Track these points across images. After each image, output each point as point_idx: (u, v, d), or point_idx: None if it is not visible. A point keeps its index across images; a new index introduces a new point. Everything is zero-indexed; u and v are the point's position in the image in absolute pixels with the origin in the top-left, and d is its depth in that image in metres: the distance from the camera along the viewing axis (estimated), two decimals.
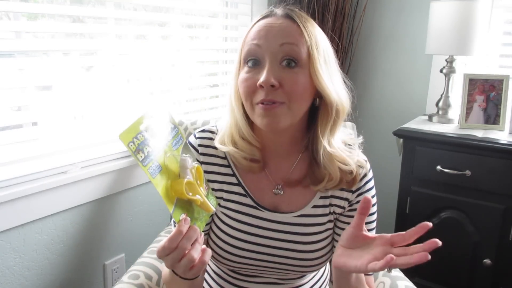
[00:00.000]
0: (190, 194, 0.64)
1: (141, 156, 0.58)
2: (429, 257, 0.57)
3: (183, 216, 0.63)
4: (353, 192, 0.84)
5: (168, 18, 1.57)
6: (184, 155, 0.66)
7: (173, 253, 0.62)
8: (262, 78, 0.71)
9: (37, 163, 1.18)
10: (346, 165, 0.80)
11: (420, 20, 1.95)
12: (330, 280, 1.01)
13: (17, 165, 1.14)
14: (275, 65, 0.73)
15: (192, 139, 0.87)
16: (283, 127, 0.75)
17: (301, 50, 0.74)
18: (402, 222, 1.71)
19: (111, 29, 1.36)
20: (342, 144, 0.84)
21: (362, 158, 0.86)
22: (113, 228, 1.42)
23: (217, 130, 0.87)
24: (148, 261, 1.09)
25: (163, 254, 0.63)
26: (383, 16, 2.07)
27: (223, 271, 0.89)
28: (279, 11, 0.78)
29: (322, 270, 0.96)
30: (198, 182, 0.67)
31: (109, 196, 1.37)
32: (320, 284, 0.93)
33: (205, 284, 0.93)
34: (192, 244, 0.63)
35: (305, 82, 0.74)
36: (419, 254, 0.58)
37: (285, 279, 0.87)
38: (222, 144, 0.82)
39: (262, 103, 0.73)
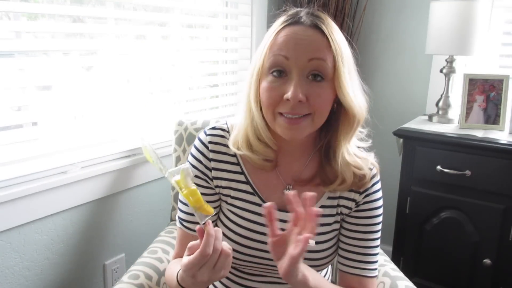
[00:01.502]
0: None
1: (162, 168, 0.66)
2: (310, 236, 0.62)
3: (207, 219, 0.65)
4: (360, 193, 0.84)
5: (168, 18, 1.57)
6: (185, 165, 0.69)
7: (210, 259, 0.64)
8: (290, 93, 0.71)
9: (37, 163, 1.18)
10: (360, 169, 0.82)
11: (420, 20, 1.95)
12: (332, 281, 1.01)
13: (17, 165, 1.14)
14: (302, 79, 0.73)
15: (202, 135, 0.86)
16: (304, 136, 0.77)
17: (328, 65, 0.74)
18: (402, 222, 1.71)
19: (111, 29, 1.36)
20: (356, 148, 0.85)
21: (373, 160, 0.87)
22: (113, 228, 1.42)
23: (228, 128, 0.86)
24: (148, 261, 1.09)
25: (198, 266, 0.64)
26: (383, 16, 2.07)
27: (229, 272, 0.89)
28: (306, 18, 0.75)
29: (324, 271, 0.96)
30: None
31: (109, 196, 1.37)
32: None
33: (210, 285, 0.93)
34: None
35: (329, 94, 0.76)
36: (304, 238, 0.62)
37: None
38: (235, 145, 0.82)
39: (286, 115, 0.73)
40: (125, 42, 1.43)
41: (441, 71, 1.77)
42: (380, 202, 0.86)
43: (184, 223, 0.86)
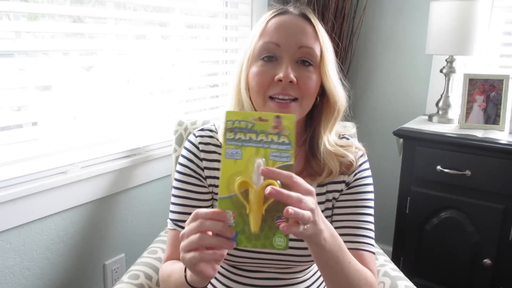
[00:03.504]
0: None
1: (230, 135, 0.57)
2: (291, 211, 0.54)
3: (230, 212, 0.57)
4: (349, 174, 0.86)
5: (168, 18, 1.57)
6: (260, 159, 0.59)
7: (213, 220, 0.56)
8: (282, 73, 0.75)
9: (37, 163, 1.18)
10: (344, 157, 0.84)
11: (420, 20, 1.95)
12: None
13: (17, 165, 1.14)
14: (292, 63, 0.77)
15: (191, 137, 0.89)
16: None
17: (316, 53, 0.78)
18: (402, 222, 1.71)
19: (111, 29, 1.36)
20: (336, 136, 0.88)
21: (358, 144, 0.89)
22: (113, 228, 1.42)
23: (215, 128, 0.89)
24: (148, 261, 1.09)
25: (203, 216, 0.56)
26: (383, 16, 2.07)
27: (224, 268, 0.90)
28: (293, 9, 0.81)
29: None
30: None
31: (109, 196, 1.37)
32: (321, 281, 0.94)
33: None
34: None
35: (316, 79, 0.79)
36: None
37: (287, 273, 0.87)
38: None
39: (276, 99, 0.76)
40: (125, 42, 1.43)
41: (441, 71, 1.77)
42: (371, 180, 0.88)
43: (179, 223, 0.85)
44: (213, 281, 0.92)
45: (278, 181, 0.57)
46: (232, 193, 0.57)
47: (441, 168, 1.57)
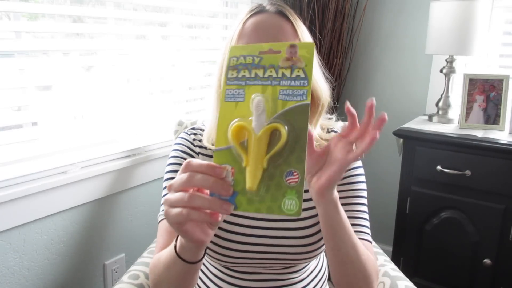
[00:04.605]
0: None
1: (232, 74, 0.48)
2: (378, 135, 0.54)
3: (229, 167, 0.47)
4: None
5: (168, 18, 1.57)
6: (260, 96, 0.47)
7: (204, 174, 0.47)
8: None
9: (37, 163, 1.18)
10: None
11: (420, 20, 1.95)
12: (329, 279, 1.01)
13: (17, 165, 1.14)
14: None
15: (184, 135, 0.89)
16: None
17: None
18: (402, 222, 1.71)
19: (111, 29, 1.36)
20: (324, 131, 0.88)
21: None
22: (113, 228, 1.42)
23: (206, 128, 0.89)
24: (148, 261, 1.09)
25: (195, 168, 0.48)
26: (383, 16, 2.07)
27: (219, 271, 0.89)
28: (271, 7, 0.80)
29: (319, 266, 0.95)
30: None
31: (109, 196, 1.37)
32: (318, 280, 0.93)
33: (202, 284, 0.93)
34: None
35: None
36: (371, 134, 0.55)
37: (284, 273, 0.87)
38: (209, 141, 0.85)
39: None
40: (125, 42, 1.43)
41: (441, 71, 1.77)
42: (361, 170, 0.87)
43: None
44: (207, 282, 0.91)
45: (286, 126, 0.46)
46: (231, 144, 0.47)
47: (441, 168, 1.57)
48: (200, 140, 0.87)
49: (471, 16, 1.58)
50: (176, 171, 0.84)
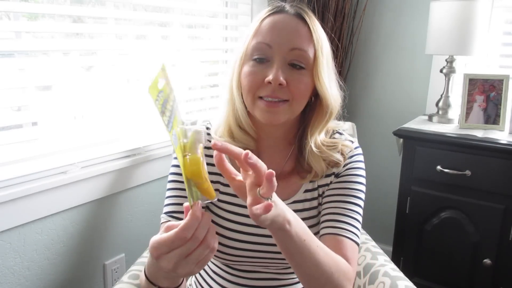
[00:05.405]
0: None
1: (166, 119, 0.48)
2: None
3: (205, 202, 0.51)
4: (339, 167, 0.86)
5: (168, 18, 1.57)
6: (197, 127, 0.55)
7: (184, 246, 0.51)
8: (271, 75, 0.74)
9: (37, 163, 1.18)
10: (331, 158, 0.83)
11: (420, 20, 1.95)
12: None
13: (17, 165, 1.14)
14: (283, 65, 0.76)
15: None
16: (281, 122, 0.78)
17: (309, 55, 0.77)
18: (402, 222, 1.71)
19: (111, 29, 1.36)
20: (328, 134, 0.88)
21: (348, 140, 0.89)
22: (113, 228, 1.42)
23: (211, 126, 0.89)
24: None
25: (168, 248, 0.52)
26: (383, 16, 2.07)
27: (221, 269, 0.89)
28: (290, 8, 0.80)
29: None
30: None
31: (109, 196, 1.37)
32: None
33: (203, 283, 0.93)
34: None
35: (308, 83, 0.78)
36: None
37: (284, 273, 0.87)
38: (217, 133, 0.85)
39: (265, 99, 0.76)
40: (125, 42, 1.43)
41: (441, 71, 1.77)
42: (362, 172, 0.86)
43: (175, 215, 0.82)
44: (209, 280, 0.91)
45: (200, 154, 0.53)
46: (186, 188, 0.53)
47: (441, 168, 1.57)
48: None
49: (471, 16, 1.58)
50: (181, 174, 0.84)
